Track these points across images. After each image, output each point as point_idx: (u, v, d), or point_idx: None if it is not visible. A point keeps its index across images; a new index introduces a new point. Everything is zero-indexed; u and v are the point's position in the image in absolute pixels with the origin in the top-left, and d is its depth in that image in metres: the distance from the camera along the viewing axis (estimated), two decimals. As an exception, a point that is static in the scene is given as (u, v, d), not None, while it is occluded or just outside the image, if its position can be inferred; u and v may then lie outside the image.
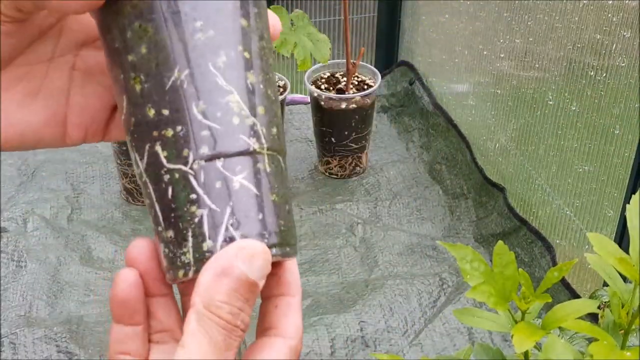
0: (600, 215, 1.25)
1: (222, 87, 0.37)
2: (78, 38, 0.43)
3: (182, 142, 0.37)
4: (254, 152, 0.38)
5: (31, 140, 0.42)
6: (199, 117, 0.37)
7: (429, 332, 1.26)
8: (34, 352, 1.19)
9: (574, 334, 0.55)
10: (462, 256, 0.49)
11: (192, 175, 0.37)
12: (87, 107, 0.44)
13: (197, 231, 0.37)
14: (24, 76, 0.42)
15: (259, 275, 0.36)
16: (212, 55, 0.37)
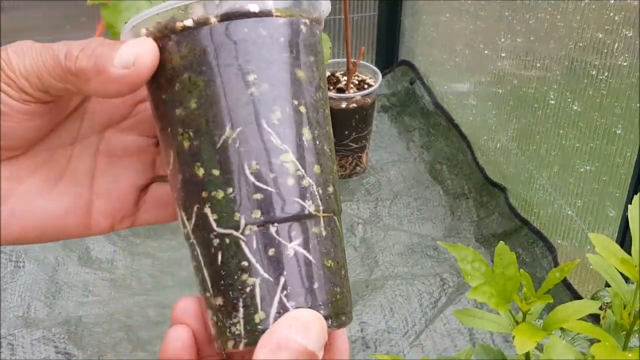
0: (602, 215, 1.24)
1: (276, 146, 0.34)
2: (102, 120, 0.41)
3: (233, 205, 0.34)
4: (310, 215, 0.35)
5: (53, 230, 0.40)
6: (252, 179, 0.34)
7: (429, 332, 1.26)
8: (32, 353, 1.19)
9: (576, 334, 0.55)
10: (463, 257, 0.49)
11: (244, 241, 0.34)
12: (113, 192, 0.42)
13: (248, 301, 0.34)
14: (45, 162, 0.40)
15: (317, 345, 0.33)
16: (266, 112, 0.34)
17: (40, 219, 0.40)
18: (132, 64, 0.35)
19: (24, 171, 0.39)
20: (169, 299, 1.30)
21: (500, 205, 1.49)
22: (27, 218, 0.39)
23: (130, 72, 0.35)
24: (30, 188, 0.39)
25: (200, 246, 0.35)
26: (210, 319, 0.36)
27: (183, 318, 0.38)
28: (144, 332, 1.23)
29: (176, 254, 1.41)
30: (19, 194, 0.39)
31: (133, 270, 1.37)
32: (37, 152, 0.40)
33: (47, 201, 0.40)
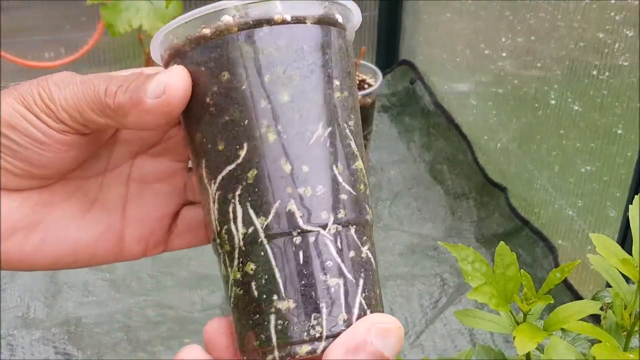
0: (603, 215, 1.24)
1: (353, 151, 0.35)
2: (133, 148, 0.42)
3: (322, 203, 0.34)
4: (368, 222, 0.36)
5: (83, 257, 0.40)
6: (340, 179, 0.35)
7: (430, 333, 1.26)
8: (31, 354, 1.19)
9: (576, 335, 0.54)
10: (464, 257, 0.49)
11: (331, 240, 0.34)
12: (145, 219, 0.42)
13: (331, 302, 0.34)
14: (77, 190, 0.40)
15: (392, 352, 0.33)
16: (346, 117, 0.35)
17: (72, 246, 0.40)
18: (162, 92, 0.35)
19: (56, 198, 0.39)
20: (169, 299, 1.30)
21: (501, 205, 1.49)
22: (59, 245, 0.39)
23: (162, 100, 0.35)
24: (62, 215, 0.40)
25: (274, 246, 0.34)
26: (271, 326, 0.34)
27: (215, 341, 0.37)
28: (144, 332, 1.23)
29: (176, 254, 1.41)
30: (51, 221, 0.39)
31: (133, 270, 1.37)
32: (69, 180, 0.40)
33: (79, 229, 0.40)
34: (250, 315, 0.35)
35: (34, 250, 0.39)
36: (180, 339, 1.23)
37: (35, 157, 0.36)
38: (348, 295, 0.34)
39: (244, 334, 0.35)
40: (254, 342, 0.35)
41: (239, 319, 0.36)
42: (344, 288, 0.34)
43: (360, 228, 0.35)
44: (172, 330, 1.24)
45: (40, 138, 0.36)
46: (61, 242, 0.40)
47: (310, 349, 0.34)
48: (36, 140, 0.36)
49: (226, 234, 0.36)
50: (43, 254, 0.39)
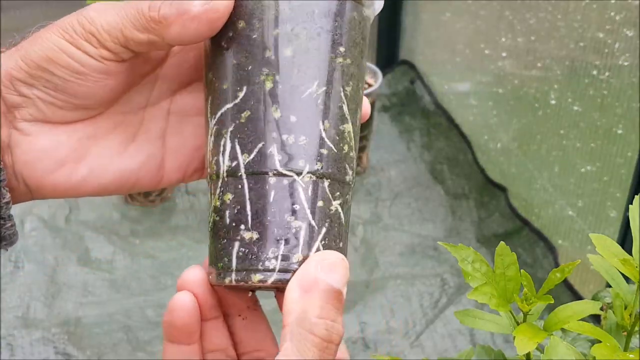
0: (603, 215, 1.24)
1: (344, 114, 0.38)
2: (172, 85, 0.44)
3: (301, 152, 0.37)
4: (348, 183, 0.39)
5: (126, 185, 0.43)
6: (323, 135, 0.38)
7: (430, 333, 1.26)
8: (31, 354, 1.19)
9: (577, 335, 0.54)
10: (464, 257, 0.49)
11: (302, 187, 0.37)
12: (184, 148, 0.44)
13: (290, 241, 0.37)
14: (119, 124, 0.42)
15: (342, 283, 0.36)
16: (345, 83, 0.38)
17: (116, 176, 0.42)
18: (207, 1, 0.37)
19: (100, 132, 0.42)
20: (169, 299, 1.30)
21: (501, 205, 1.49)
22: (104, 176, 0.42)
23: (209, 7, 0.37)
24: (107, 147, 0.42)
25: (252, 181, 0.38)
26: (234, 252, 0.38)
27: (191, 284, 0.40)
28: (144, 332, 1.23)
29: (176, 254, 1.41)
30: (97, 153, 0.42)
31: (132, 270, 1.37)
32: (112, 114, 0.42)
33: (122, 159, 0.42)
34: (220, 239, 0.38)
35: (81, 181, 0.41)
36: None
37: (75, 87, 0.39)
38: (307, 239, 0.37)
39: (212, 255, 0.39)
40: (218, 263, 0.38)
41: (212, 242, 0.39)
42: (305, 232, 0.37)
43: (335, 184, 0.38)
44: (172, 331, 1.24)
45: (79, 69, 0.38)
46: (106, 172, 0.42)
47: (262, 278, 0.37)
48: (75, 71, 0.38)
49: (215, 164, 0.39)
50: (89, 184, 0.42)
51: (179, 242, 1.45)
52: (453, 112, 1.74)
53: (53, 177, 0.40)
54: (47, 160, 0.40)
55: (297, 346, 0.35)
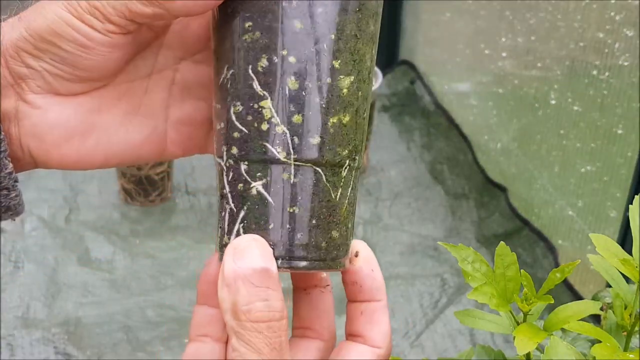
0: (603, 215, 1.24)
1: (256, 91, 0.37)
2: (177, 53, 0.44)
3: (222, 138, 0.38)
4: (279, 161, 0.37)
5: (130, 157, 0.43)
6: (233, 118, 0.37)
7: (430, 333, 1.26)
8: (31, 354, 1.19)
9: (577, 335, 0.54)
10: (464, 257, 0.49)
11: (224, 171, 0.38)
12: (187, 122, 0.44)
13: (222, 223, 0.38)
14: (125, 93, 0.42)
15: (262, 260, 0.36)
16: (253, 59, 0.37)
17: (121, 148, 0.42)
18: None
19: (106, 103, 0.42)
20: (169, 299, 1.30)
21: (501, 205, 1.49)
22: (110, 148, 0.42)
23: None
24: (113, 120, 0.42)
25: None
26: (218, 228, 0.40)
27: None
28: (144, 332, 1.23)
29: (176, 254, 1.41)
30: (103, 125, 0.42)
31: (132, 270, 1.37)
32: (118, 83, 0.42)
33: (128, 132, 0.42)
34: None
35: (88, 153, 0.41)
36: (180, 339, 1.23)
37: (82, 61, 0.38)
38: (230, 222, 0.38)
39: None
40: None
41: None
42: (229, 215, 0.38)
43: (254, 165, 0.38)
44: (172, 331, 1.24)
45: (85, 42, 0.38)
46: (112, 144, 0.42)
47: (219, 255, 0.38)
48: (81, 45, 0.38)
49: None
50: (96, 156, 0.42)
51: (179, 242, 1.45)
52: (453, 112, 1.73)
53: (60, 150, 0.40)
54: (55, 134, 0.40)
55: (242, 338, 0.35)
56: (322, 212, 0.39)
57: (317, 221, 0.38)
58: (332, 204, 0.39)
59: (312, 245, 0.38)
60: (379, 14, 0.40)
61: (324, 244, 0.39)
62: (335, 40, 0.38)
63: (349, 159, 0.39)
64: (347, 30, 0.38)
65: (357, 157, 0.40)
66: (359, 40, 0.39)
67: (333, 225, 0.39)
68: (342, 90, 0.39)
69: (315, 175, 0.38)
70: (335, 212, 0.39)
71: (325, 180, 0.39)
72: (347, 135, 0.39)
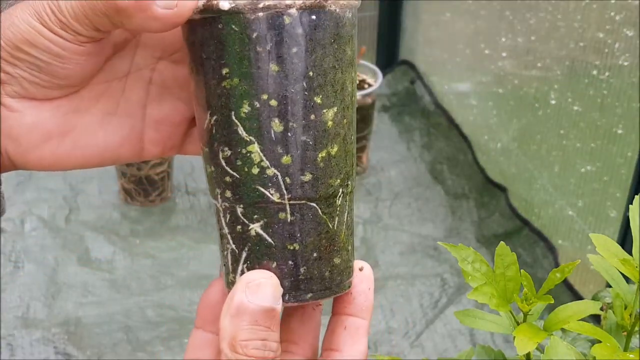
0: (603, 215, 1.24)
1: (242, 137, 0.37)
2: (154, 52, 0.43)
3: (214, 181, 0.39)
4: (274, 202, 0.38)
5: (109, 158, 0.43)
6: (223, 163, 0.38)
7: (430, 333, 1.26)
8: (31, 354, 1.19)
9: (577, 335, 0.54)
10: (464, 257, 0.49)
11: (222, 213, 0.39)
12: (164, 122, 0.44)
13: (225, 262, 0.39)
14: (103, 93, 0.42)
15: (272, 300, 0.37)
16: (235, 105, 0.37)
17: (100, 149, 0.42)
18: (175, 5, 0.36)
19: (85, 103, 0.41)
20: (169, 299, 1.30)
21: (501, 205, 1.49)
22: (88, 149, 0.42)
23: (173, 12, 0.36)
24: (91, 121, 0.42)
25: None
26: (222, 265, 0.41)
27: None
28: (144, 332, 1.23)
29: (175, 254, 1.41)
30: (82, 127, 0.41)
31: (132, 270, 1.37)
32: (95, 84, 0.42)
33: (106, 133, 0.42)
34: None
35: (65, 155, 0.41)
36: (180, 339, 1.23)
37: (57, 70, 0.38)
38: (233, 262, 0.39)
39: None
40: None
41: None
42: (231, 255, 0.39)
43: (251, 208, 0.38)
44: (172, 331, 1.24)
45: (60, 53, 0.38)
46: (90, 145, 0.42)
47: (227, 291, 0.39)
48: (56, 55, 0.38)
49: None
50: (73, 157, 0.42)
51: (179, 242, 1.45)
52: (453, 112, 1.73)
53: (38, 152, 0.40)
54: (33, 136, 0.40)
55: None
56: (322, 244, 0.39)
57: (319, 253, 0.39)
58: (331, 234, 0.39)
59: (317, 277, 0.39)
60: (354, 36, 0.39)
61: (328, 274, 0.39)
62: (314, 76, 0.38)
63: (341, 187, 0.39)
64: (325, 64, 0.38)
65: (349, 183, 0.40)
66: (337, 71, 0.38)
67: (334, 254, 0.39)
68: (326, 123, 0.38)
69: (311, 211, 0.39)
70: (335, 240, 0.39)
71: (321, 213, 0.39)
72: (337, 165, 0.39)
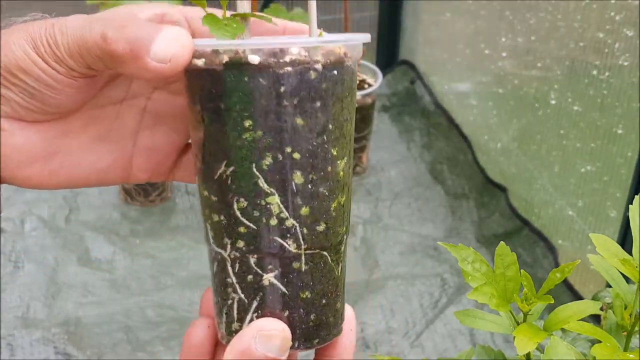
0: (603, 215, 1.24)
1: (262, 189, 0.37)
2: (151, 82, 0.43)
3: (223, 230, 0.38)
4: (290, 252, 0.38)
5: (95, 180, 0.43)
6: (238, 214, 0.37)
7: (430, 333, 1.26)
8: (31, 354, 1.19)
9: (577, 335, 0.54)
10: (464, 257, 0.49)
11: (229, 263, 0.38)
12: (155, 150, 0.44)
13: (229, 311, 0.39)
14: (95, 119, 0.42)
15: (279, 353, 0.37)
16: (257, 157, 0.37)
17: (86, 172, 0.42)
18: (168, 60, 0.36)
19: (74, 128, 0.41)
20: (169, 299, 1.30)
21: (501, 205, 1.49)
22: (75, 170, 0.42)
23: (166, 67, 0.36)
24: (79, 144, 0.42)
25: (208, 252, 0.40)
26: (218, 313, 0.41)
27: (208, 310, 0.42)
28: (144, 332, 1.23)
29: (175, 254, 1.41)
30: (69, 149, 0.41)
31: (132, 270, 1.37)
32: (88, 108, 0.42)
33: (94, 156, 0.42)
34: None
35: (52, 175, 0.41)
36: (180, 339, 1.23)
37: (49, 98, 0.38)
38: (241, 312, 0.38)
39: None
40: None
41: None
42: (238, 304, 0.38)
43: (265, 258, 0.38)
44: (172, 331, 1.24)
45: (52, 84, 0.38)
46: (78, 167, 0.42)
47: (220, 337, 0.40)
48: (48, 85, 0.38)
49: None
50: (60, 178, 0.42)
51: (179, 242, 1.45)
52: (453, 112, 1.73)
53: (25, 171, 0.40)
54: (21, 156, 0.40)
55: None
56: (329, 290, 0.40)
57: (326, 300, 0.40)
58: (336, 279, 0.40)
59: (324, 323, 0.40)
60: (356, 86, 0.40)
61: (332, 319, 0.41)
62: (333, 129, 0.38)
63: (345, 234, 0.41)
64: (341, 117, 0.38)
65: (349, 228, 0.41)
66: (349, 122, 0.39)
67: (337, 299, 0.40)
68: (339, 174, 0.39)
69: (323, 259, 0.39)
70: (338, 285, 0.41)
71: (331, 261, 0.40)
72: (344, 214, 0.41)
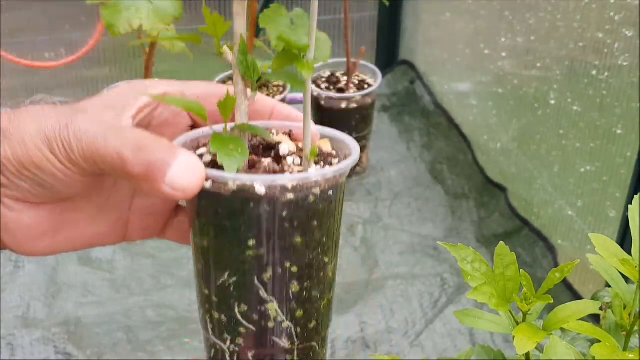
0: (603, 215, 1.24)
1: (263, 297, 0.42)
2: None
3: (223, 327, 0.43)
4: (284, 349, 0.43)
5: (96, 244, 0.46)
6: (239, 317, 0.42)
7: (430, 333, 1.26)
8: (31, 354, 1.19)
9: (576, 335, 0.54)
10: (463, 257, 0.49)
11: (228, 354, 0.43)
12: (149, 212, 0.47)
13: None
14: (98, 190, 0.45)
15: None
16: (258, 271, 0.41)
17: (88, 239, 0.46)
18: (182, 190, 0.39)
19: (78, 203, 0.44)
20: (169, 299, 1.30)
21: (501, 205, 1.49)
22: (79, 239, 0.45)
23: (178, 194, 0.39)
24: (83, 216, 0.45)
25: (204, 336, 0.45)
26: None
27: None
28: (144, 332, 1.23)
29: (176, 254, 1.41)
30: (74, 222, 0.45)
31: (133, 270, 1.37)
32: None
33: (96, 225, 0.46)
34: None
35: (56, 246, 0.45)
36: (180, 339, 1.23)
37: (59, 189, 0.42)
38: None
39: None
40: None
41: None
42: None
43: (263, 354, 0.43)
44: (172, 330, 1.24)
45: (64, 180, 0.41)
46: (81, 237, 0.45)
47: None
48: (59, 180, 0.41)
49: None
50: (63, 248, 0.45)
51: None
52: (453, 112, 1.73)
53: (32, 245, 0.43)
54: (28, 233, 0.43)
55: None
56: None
57: None
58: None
59: None
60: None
61: None
62: (326, 241, 0.43)
63: (329, 325, 0.45)
64: (333, 229, 0.43)
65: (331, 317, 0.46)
66: (337, 231, 0.44)
67: None
68: (328, 276, 0.44)
69: (312, 349, 0.44)
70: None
71: (318, 349, 0.45)
72: (330, 309, 0.45)
